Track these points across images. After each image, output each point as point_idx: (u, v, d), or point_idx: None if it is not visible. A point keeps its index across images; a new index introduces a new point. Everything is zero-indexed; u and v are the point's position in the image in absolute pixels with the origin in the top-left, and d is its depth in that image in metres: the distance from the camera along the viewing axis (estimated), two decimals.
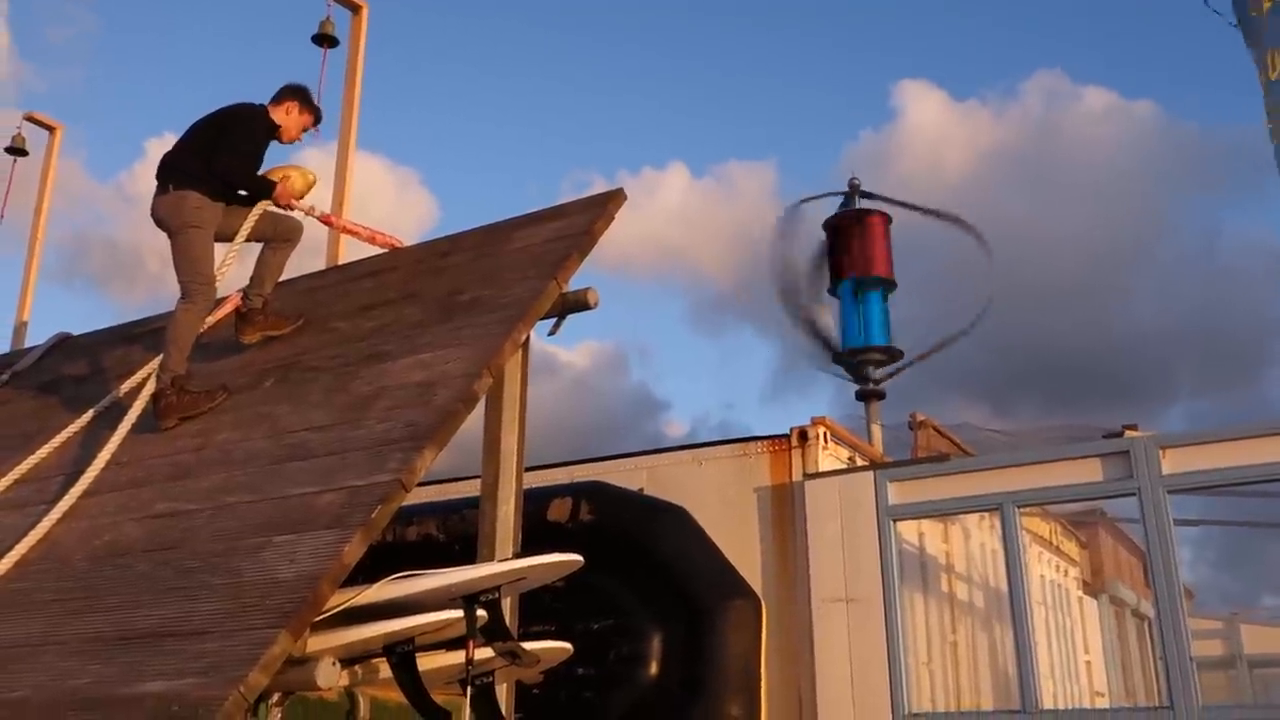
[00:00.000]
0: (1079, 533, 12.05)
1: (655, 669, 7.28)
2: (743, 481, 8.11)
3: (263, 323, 5.85)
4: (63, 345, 7.51)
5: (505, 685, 4.79)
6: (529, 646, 4.35)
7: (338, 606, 3.87)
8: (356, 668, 4.19)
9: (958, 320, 15.22)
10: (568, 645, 4.76)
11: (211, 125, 5.77)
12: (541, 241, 5.61)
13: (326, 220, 6.47)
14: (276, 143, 5.91)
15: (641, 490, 8.26)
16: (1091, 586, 12.07)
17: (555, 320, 5.40)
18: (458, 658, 4.10)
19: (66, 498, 5.01)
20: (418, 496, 6.75)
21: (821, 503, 7.69)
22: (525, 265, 5.46)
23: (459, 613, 3.99)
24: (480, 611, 4.06)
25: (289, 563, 3.88)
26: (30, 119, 9.97)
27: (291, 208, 5.88)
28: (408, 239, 6.49)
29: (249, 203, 5.74)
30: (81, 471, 5.14)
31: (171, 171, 5.67)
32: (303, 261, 6.64)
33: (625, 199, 5.73)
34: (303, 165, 6.05)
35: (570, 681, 7.05)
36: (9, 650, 4.12)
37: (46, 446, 5.56)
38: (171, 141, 5.93)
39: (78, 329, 7.66)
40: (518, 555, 4.82)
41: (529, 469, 5.54)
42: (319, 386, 5.18)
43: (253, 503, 4.42)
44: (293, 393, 5.23)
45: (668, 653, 7.29)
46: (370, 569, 4.05)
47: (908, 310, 13.89)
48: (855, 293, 14.32)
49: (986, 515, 8.81)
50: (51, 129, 10.00)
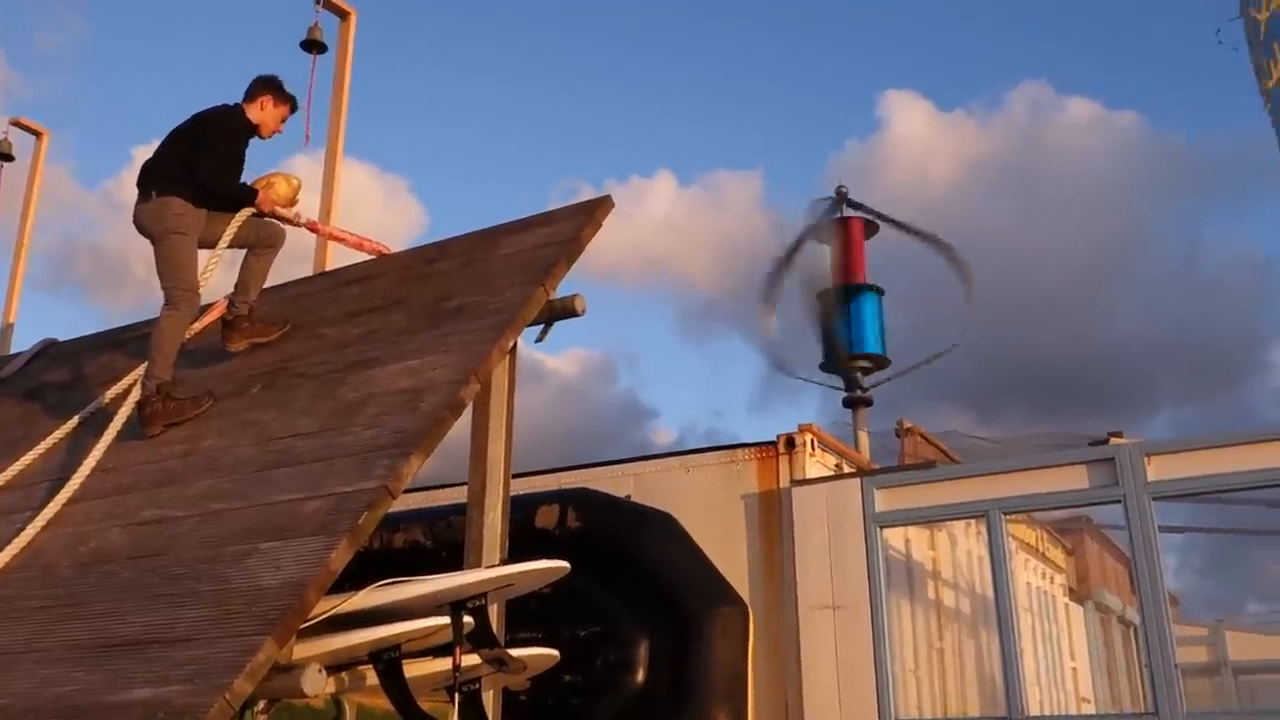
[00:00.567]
0: (1065, 539, 12.11)
1: (642, 676, 7.28)
2: (730, 488, 8.11)
3: (249, 330, 5.84)
4: (49, 351, 7.48)
5: (492, 692, 4.78)
6: (516, 653, 4.35)
7: (324, 613, 3.87)
8: (343, 674, 4.19)
9: (942, 328, 15.21)
10: (555, 652, 4.76)
11: (190, 130, 5.75)
12: (529, 248, 5.62)
13: (313, 227, 6.46)
14: (258, 139, 5.87)
15: (629, 497, 8.26)
16: (1077, 593, 12.12)
17: (543, 327, 5.41)
18: (445, 664, 4.10)
19: (52, 504, 4.99)
20: (405, 503, 6.74)
21: (809, 510, 7.71)
22: (513, 272, 5.46)
23: (446, 619, 3.99)
24: (467, 618, 4.06)
25: (275, 569, 3.88)
26: (16, 124, 9.92)
27: (275, 215, 5.87)
28: (396, 247, 6.48)
29: (232, 209, 5.73)
30: (67, 478, 5.13)
31: (153, 178, 5.66)
32: (290, 268, 6.63)
33: (613, 206, 5.75)
34: (288, 172, 6.03)
35: (557, 688, 7.04)
36: None
37: (32, 453, 5.54)
38: None
39: (64, 335, 7.65)
40: (505, 562, 4.81)
41: (516, 476, 5.53)
42: (306, 393, 5.17)
43: (239, 509, 4.41)
44: (279, 399, 5.23)
45: (655, 659, 7.29)
46: (357, 575, 4.05)
47: (891, 319, 13.91)
48: (845, 299, 14.30)
49: (973, 522, 8.83)
50: (38, 134, 9.96)
